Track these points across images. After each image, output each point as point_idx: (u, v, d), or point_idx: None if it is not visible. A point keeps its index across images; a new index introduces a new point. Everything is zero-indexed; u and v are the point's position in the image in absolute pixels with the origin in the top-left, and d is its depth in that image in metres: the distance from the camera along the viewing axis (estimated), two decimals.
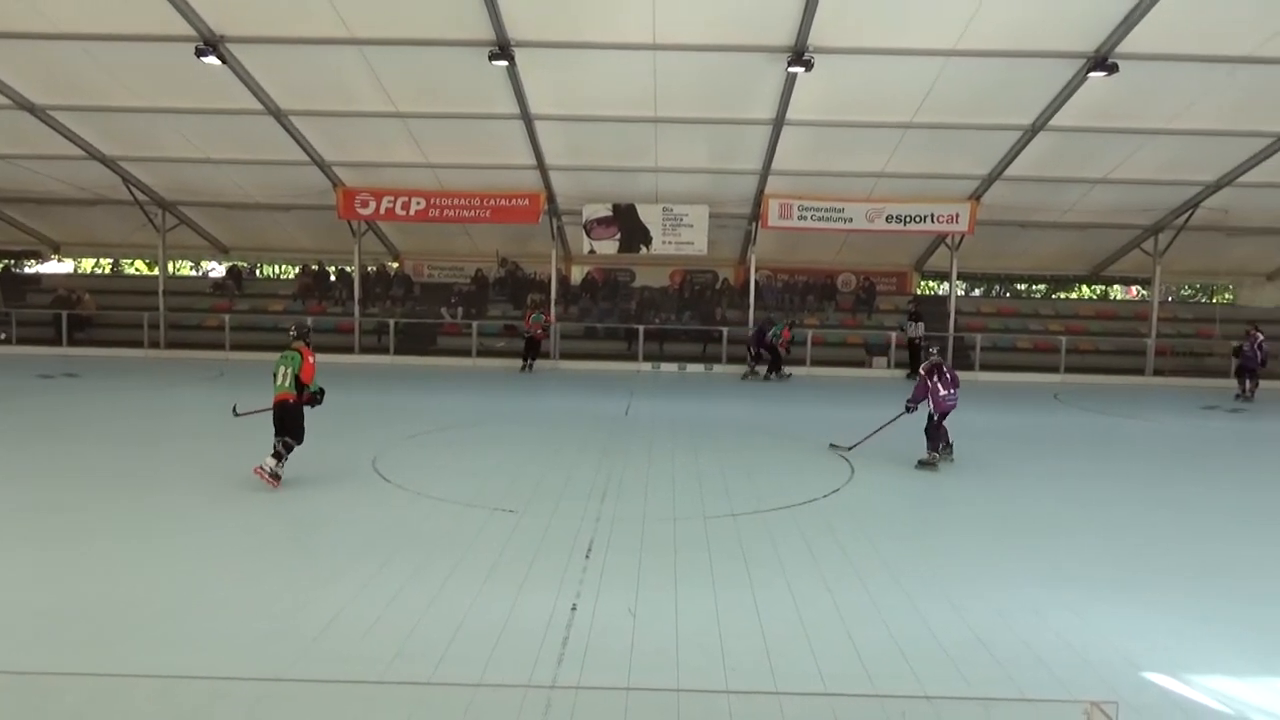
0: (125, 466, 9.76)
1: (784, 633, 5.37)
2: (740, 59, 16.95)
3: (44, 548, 6.79)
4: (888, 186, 21.89)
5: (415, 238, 26.86)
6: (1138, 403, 18.42)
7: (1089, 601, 6.06)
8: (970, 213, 22.33)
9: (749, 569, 6.55)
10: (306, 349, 9.08)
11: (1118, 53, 16.10)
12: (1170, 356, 24.44)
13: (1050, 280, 32.19)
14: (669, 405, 15.49)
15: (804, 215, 22.35)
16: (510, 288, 26.54)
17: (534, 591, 5.95)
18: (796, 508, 8.47)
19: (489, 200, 22.61)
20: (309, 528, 7.50)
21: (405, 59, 17.27)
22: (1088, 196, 22.07)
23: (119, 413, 13.85)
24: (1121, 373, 23.57)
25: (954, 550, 7.19)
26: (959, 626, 5.55)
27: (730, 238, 25.11)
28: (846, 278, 27.57)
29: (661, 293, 26.73)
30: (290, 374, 8.92)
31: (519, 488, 9.01)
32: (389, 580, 6.14)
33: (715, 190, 22.60)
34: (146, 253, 29.35)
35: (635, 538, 7.29)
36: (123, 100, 18.93)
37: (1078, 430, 14.79)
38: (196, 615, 5.47)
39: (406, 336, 24.32)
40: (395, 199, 22.82)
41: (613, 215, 23.18)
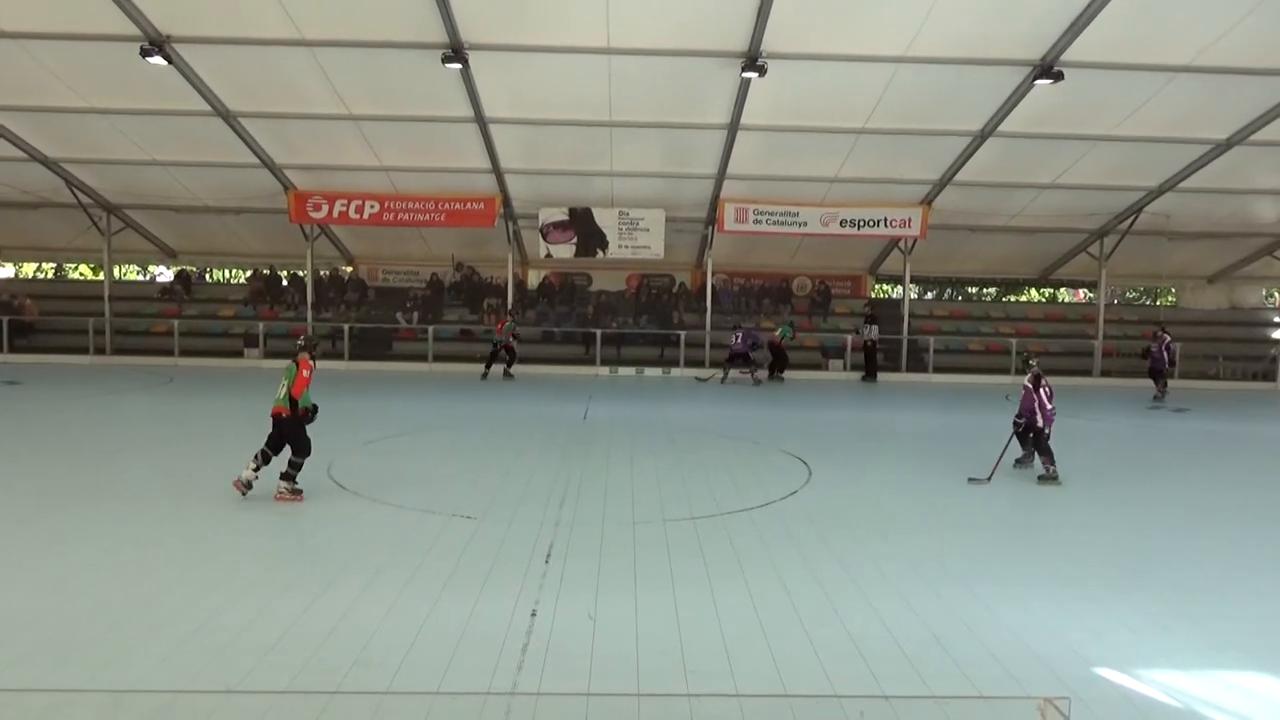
0: (71, 476, 9.50)
1: (743, 635, 5.39)
2: (694, 64, 17.04)
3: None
4: (841, 191, 22.14)
5: (369, 242, 26.57)
6: (1086, 403, 18.79)
7: (1040, 598, 6.17)
8: (922, 217, 22.67)
9: (708, 572, 6.57)
10: (305, 360, 8.57)
11: (1063, 61, 16.46)
12: (1117, 358, 25.01)
13: (1000, 283, 32.79)
14: (627, 409, 15.50)
15: (759, 219, 22.55)
16: (466, 292, 26.37)
17: (493, 597, 5.91)
18: (754, 510, 8.52)
19: (444, 204, 22.47)
20: (263, 537, 7.38)
21: (357, 61, 17.09)
22: (1036, 201, 22.52)
23: (63, 421, 13.51)
24: (1070, 374, 24.01)
25: (908, 550, 7.28)
26: (915, 625, 5.62)
27: (687, 242, 25.20)
28: (802, 281, 27.81)
29: (618, 297, 26.75)
30: (286, 386, 8.56)
31: (477, 493, 8.95)
32: (345, 588, 6.06)
33: (671, 194, 22.68)
34: (91, 257, 28.72)
35: (595, 542, 7.28)
36: (66, 101, 18.50)
37: None
38: (146, 628, 5.34)
39: (361, 342, 24.04)
40: (349, 202, 22.59)
41: (569, 219, 23.17)
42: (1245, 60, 16.41)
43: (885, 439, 13.49)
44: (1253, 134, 18.88)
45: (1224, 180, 21.04)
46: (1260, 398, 21.79)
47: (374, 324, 24.83)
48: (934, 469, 11.07)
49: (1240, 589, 6.57)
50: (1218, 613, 6.03)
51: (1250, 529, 8.36)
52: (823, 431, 13.83)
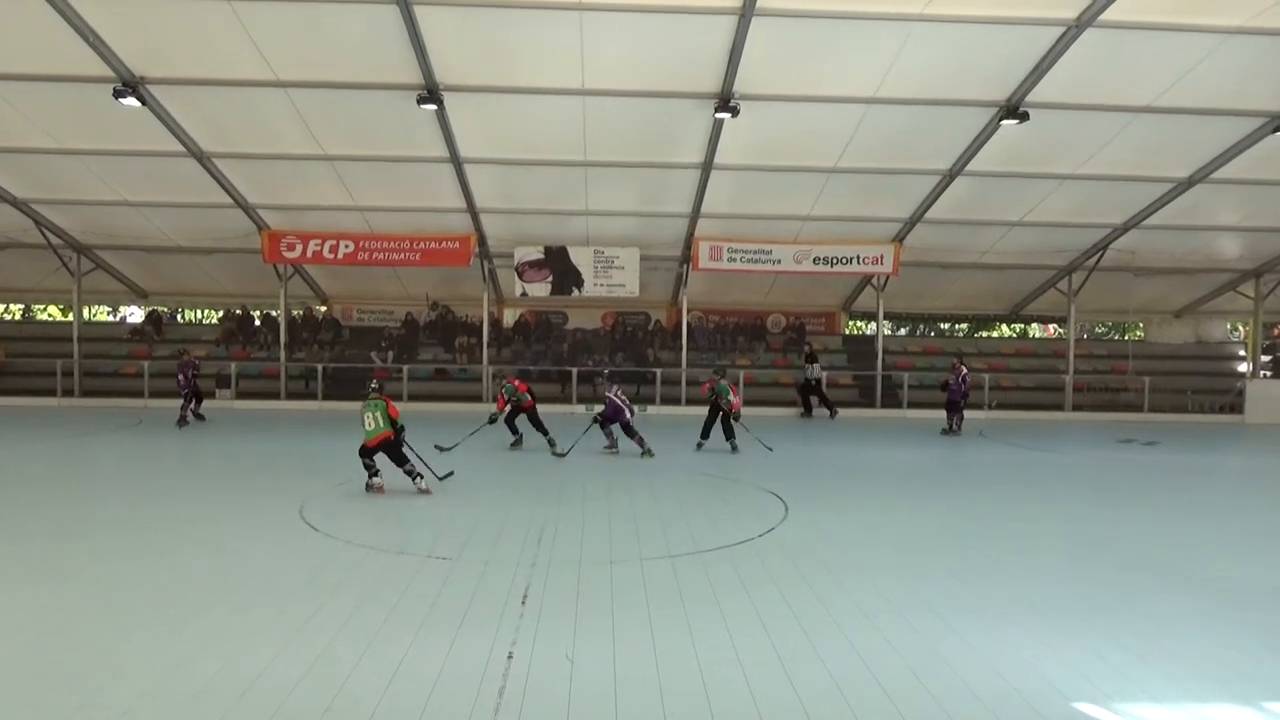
0: (34, 517, 9.31)
1: (723, 675, 5.34)
2: (668, 104, 17.28)
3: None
4: (814, 229, 22.41)
5: (344, 281, 26.52)
6: (1058, 438, 18.98)
7: (1017, 633, 6.17)
8: (894, 254, 22.96)
9: (687, 611, 6.52)
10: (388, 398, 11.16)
11: (1028, 101, 16.85)
12: (1087, 392, 25.30)
13: (972, 319, 33.13)
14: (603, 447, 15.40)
15: (734, 257, 22.74)
16: (441, 331, 26.32)
17: (469, 640, 5.83)
18: (733, 548, 8.48)
19: (419, 243, 22.52)
20: (233, 579, 7.24)
21: (332, 102, 17.19)
22: (1005, 238, 22.89)
23: (29, 463, 13.26)
24: (1043, 408, 24.29)
25: (886, 586, 7.27)
26: (894, 661, 5.59)
27: (661, 279, 25.36)
28: (776, 318, 28.01)
29: (594, 334, 26.82)
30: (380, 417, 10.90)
31: (452, 534, 8.85)
32: (318, 633, 5.95)
33: (646, 233, 22.86)
34: (60, 298, 28.39)
35: (572, 582, 7.21)
36: (37, 141, 18.45)
37: (1003, 465, 15.15)
38: (111, 674, 5.21)
39: (335, 381, 23.88)
40: (323, 242, 22.57)
41: (544, 258, 23.27)
42: (1203, 101, 16.90)
43: (862, 475, 13.52)
44: (1213, 172, 19.37)
45: (1187, 217, 21.52)
46: (1228, 430, 22.09)
47: (348, 364, 24.69)
48: (910, 505, 11.10)
49: (1209, 620, 6.60)
50: (1188, 644, 6.05)
51: (1222, 558, 8.43)
52: (799, 469, 13.84)
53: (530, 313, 27.35)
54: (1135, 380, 25.17)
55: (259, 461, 13.12)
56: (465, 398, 23.35)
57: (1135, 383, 25.08)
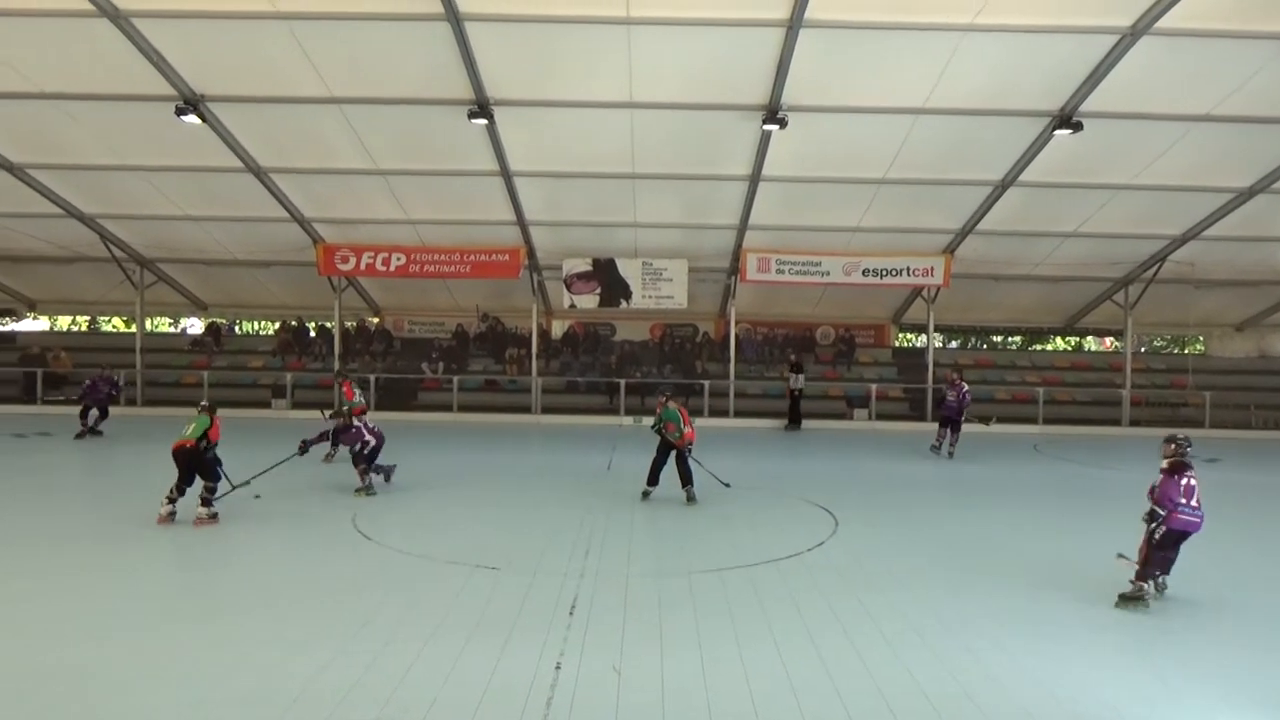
0: (99, 525, 9.56)
1: (770, 690, 5.30)
2: (716, 117, 17.27)
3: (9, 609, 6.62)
4: (863, 241, 22.19)
5: (396, 293, 26.86)
6: (1115, 453, 18.54)
7: (1072, 655, 6.03)
8: (945, 266, 22.64)
9: (735, 625, 6.49)
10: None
11: (1082, 111, 16.55)
12: (1145, 407, 24.67)
13: (1025, 332, 32.54)
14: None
15: (782, 269, 22.60)
16: (491, 342, 26.52)
17: (517, 650, 5.86)
18: (781, 561, 8.42)
19: (469, 256, 22.73)
20: (287, 587, 7.36)
21: (385, 117, 17.47)
22: (1059, 250, 22.45)
23: (92, 471, 13.63)
24: (1098, 423, 23.74)
25: (938, 603, 7.16)
26: (946, 681, 5.50)
27: (709, 291, 25.30)
28: (825, 330, 27.74)
29: (642, 346, 26.79)
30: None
31: (501, 544, 8.91)
32: (369, 641, 6.02)
33: (694, 245, 22.84)
34: (124, 310, 29.17)
35: (619, 594, 7.21)
36: (102, 159, 19.00)
37: (1059, 482, 14.84)
38: (167, 680, 5.33)
39: (387, 392, 24.18)
40: (375, 255, 22.90)
41: (592, 270, 23.35)
42: (1265, 109, 16.44)
43: (911, 489, 13.33)
44: (1275, 182, 18.82)
45: (1248, 228, 20.93)
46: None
47: (400, 374, 25.01)
48: (961, 520, 10.92)
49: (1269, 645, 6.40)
50: (1249, 668, 5.86)
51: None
52: (848, 482, 13.70)
53: (578, 324, 27.44)
54: (1195, 395, 24.48)
55: (313, 470, 13.32)
56: (514, 409, 23.50)
57: (1195, 397, 24.38)
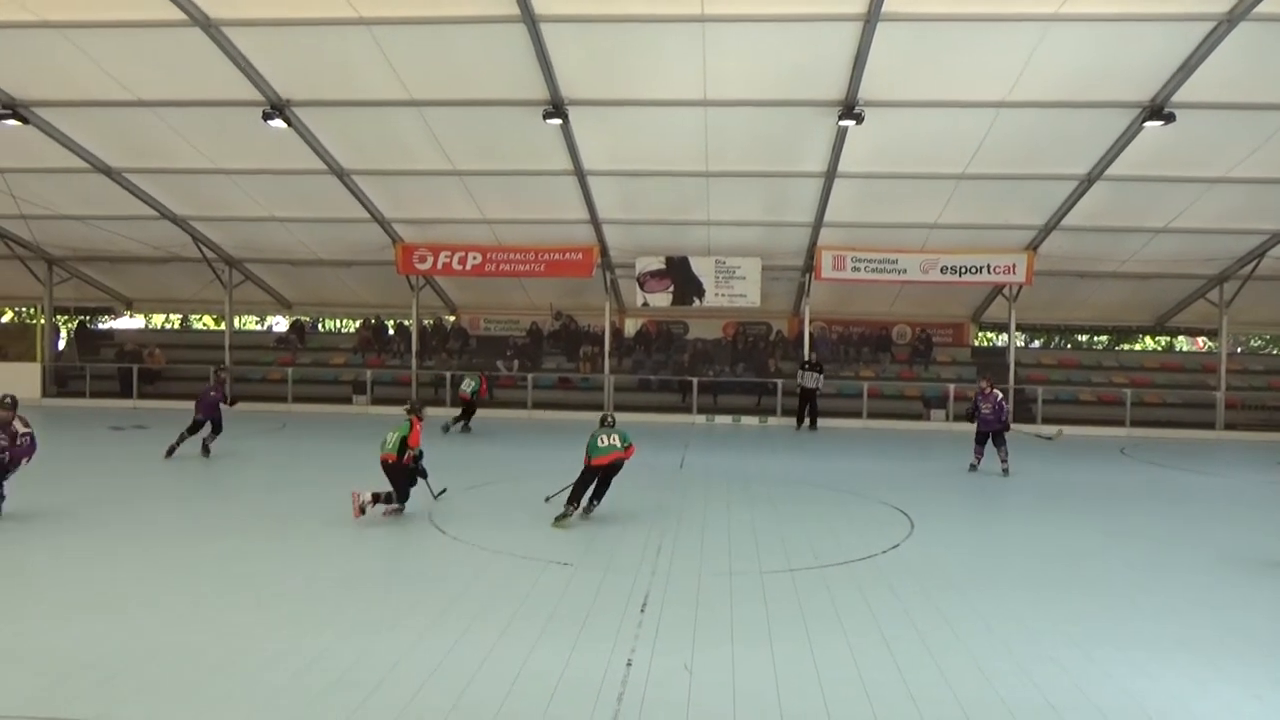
0: (190, 516, 9.93)
1: (844, 694, 5.22)
2: (791, 113, 17.11)
3: (77, 593, 6.91)
4: (942, 238, 21.74)
5: (472, 291, 27.28)
6: (1208, 458, 17.80)
7: (1162, 666, 5.80)
8: (1027, 263, 22.04)
9: (807, 626, 6.41)
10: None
11: (1174, 102, 15.91)
12: (1241, 410, 23.65)
13: (1112, 331, 31.48)
14: (724, 458, 15.40)
15: (857, 267, 22.28)
16: (565, 340, 26.75)
17: (589, 646, 5.89)
18: (855, 563, 8.30)
19: (543, 254, 22.96)
20: (364, 580, 7.53)
21: (462, 119, 17.75)
22: (1148, 246, 21.65)
23: (188, 464, 14.15)
24: (1190, 426, 22.82)
25: (1017, 608, 6.97)
26: (1027, 689, 5.35)
27: (783, 289, 25.08)
28: (902, 329, 27.28)
29: (715, 344, 26.70)
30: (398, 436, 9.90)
31: (574, 540, 8.99)
32: (444, 633, 6.12)
33: (768, 242, 22.67)
34: (214, 308, 30.20)
35: (691, 592, 7.20)
36: (193, 162, 19.70)
37: (1146, 486, 14.32)
38: (246, 667, 5.49)
39: None
40: (452, 254, 23.29)
41: (665, 268, 23.36)
42: None
43: (990, 493, 13.01)
44: None
45: None
46: None
47: (475, 371, 25.36)
48: (1044, 524, 10.61)
49: None
50: None
51: None
52: (924, 484, 13.44)
53: (651, 322, 27.49)
54: None
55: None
56: (588, 407, 23.68)
57: None
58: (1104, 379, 25.50)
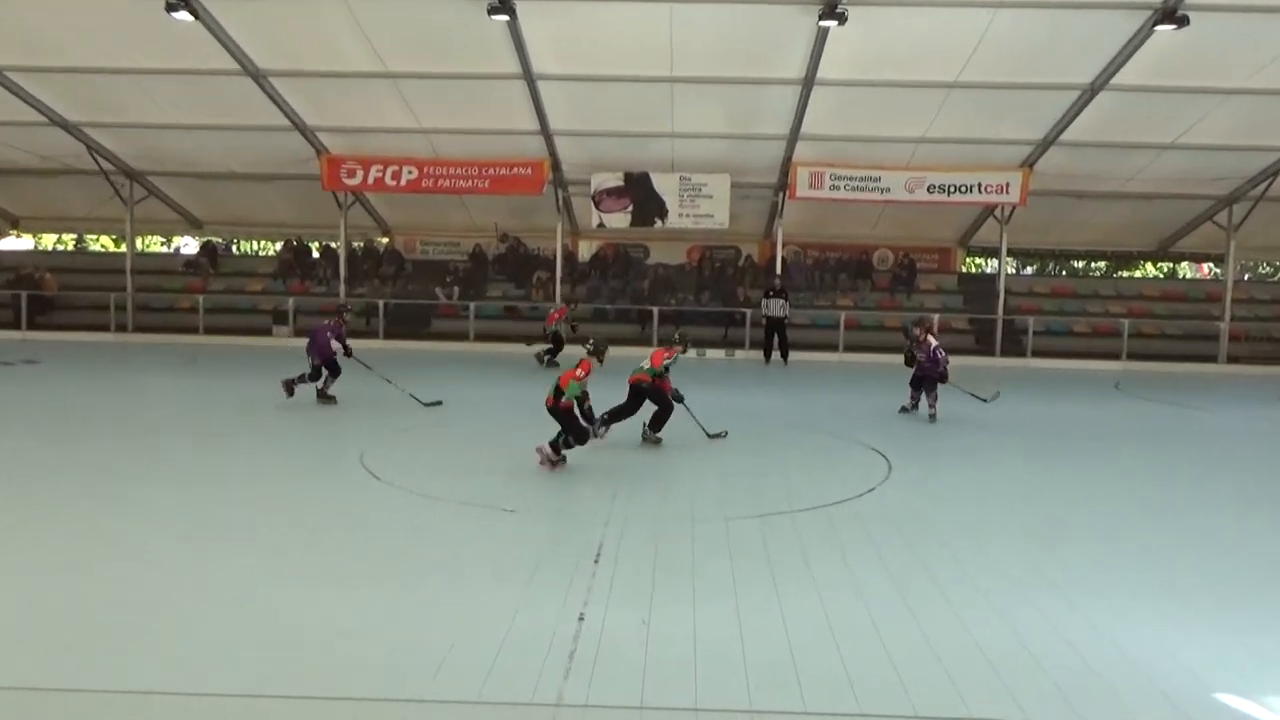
0: (93, 463, 9.81)
1: (813, 646, 5.34)
2: (766, 11, 16.87)
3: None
4: (929, 153, 21.78)
5: (407, 211, 26.92)
6: (1208, 393, 18.27)
7: (1149, 616, 6.00)
8: (1022, 182, 22.21)
9: (774, 575, 6.53)
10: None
11: (1188, 3, 15.92)
12: (1246, 342, 24.28)
13: (1111, 257, 31.98)
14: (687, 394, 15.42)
15: (836, 185, 22.29)
16: (512, 265, 26.57)
17: (537, 600, 5.95)
18: (829, 508, 8.44)
19: (488, 169, 22.64)
20: (291, 530, 7.52)
21: (395, 12, 17.29)
22: (1154, 163, 21.90)
23: (83, 404, 13.93)
24: (1191, 360, 23.39)
25: (1000, 556, 7.15)
26: (1007, 638, 5.51)
27: (754, 210, 25.06)
28: (884, 254, 27.45)
29: (678, 271, 26.74)
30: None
31: (520, 485, 9.01)
32: (379, 587, 6.15)
33: (738, 158, 22.54)
34: (113, 227, 29.53)
35: (649, 541, 7.28)
36: (87, 60, 19.02)
37: (1141, 423, 14.69)
38: (172, 624, 5.48)
39: (398, 319, 24.41)
40: (385, 168, 22.88)
41: (624, 185, 23.16)
42: None
43: (974, 432, 13.25)
44: None
45: None
46: None
47: (411, 300, 25.17)
48: (1029, 465, 10.86)
49: None
50: None
51: None
52: (904, 423, 13.69)
53: (608, 245, 27.38)
54: None
55: (317, 404, 13.51)
56: (537, 338, 23.53)
57: None
58: (1100, 309, 26.00)
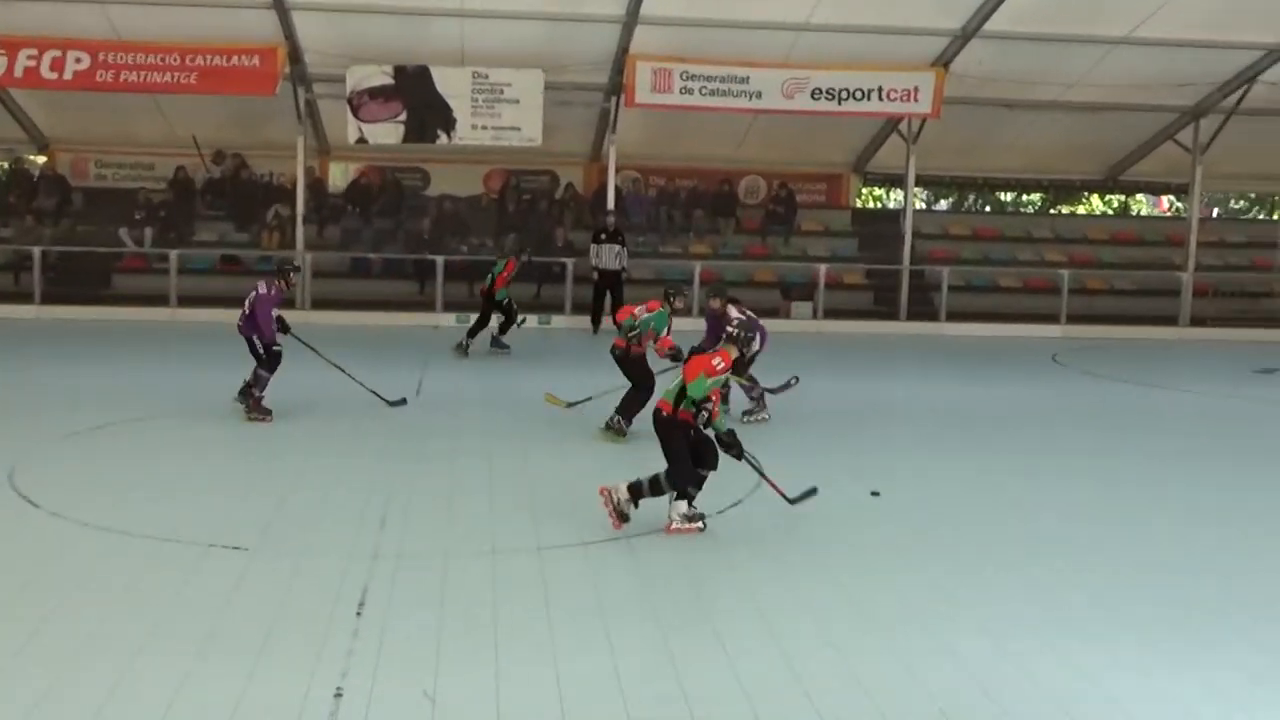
0: None
1: (663, 714, 5.46)
2: None
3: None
4: (814, 45, 22.20)
5: (75, 117, 25.79)
6: (1165, 365, 19.41)
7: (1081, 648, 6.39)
8: (934, 87, 22.85)
9: (607, 623, 6.62)
10: None
11: None
12: (1213, 298, 25.66)
13: (1048, 188, 33.00)
14: (484, 378, 15.50)
15: (689, 88, 22.49)
16: (232, 198, 25.81)
17: (274, 672, 5.86)
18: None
19: (195, 58, 21.89)
20: None
21: None
22: (1103, 64, 22.83)
23: None
24: (1147, 321, 24.57)
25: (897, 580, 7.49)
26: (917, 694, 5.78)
27: (578, 120, 25.08)
28: (753, 183, 27.87)
29: (471, 205, 26.47)
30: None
31: (248, 512, 8.88)
32: (37, 657, 5.94)
33: (554, 46, 22.46)
34: None
35: (434, 583, 7.27)
36: None
37: (1084, 407, 15.52)
38: None
39: (63, 274, 23.39)
40: (41, 53, 21.87)
41: (394, 85, 22.81)
42: None
43: (877, 421, 13.77)
44: None
45: None
46: None
47: (82, 246, 24.15)
48: (938, 461, 11.43)
49: None
50: None
51: None
52: (786, 411, 14.01)
53: (372, 170, 26.96)
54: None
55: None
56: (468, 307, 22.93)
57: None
58: (1034, 255, 27.12)
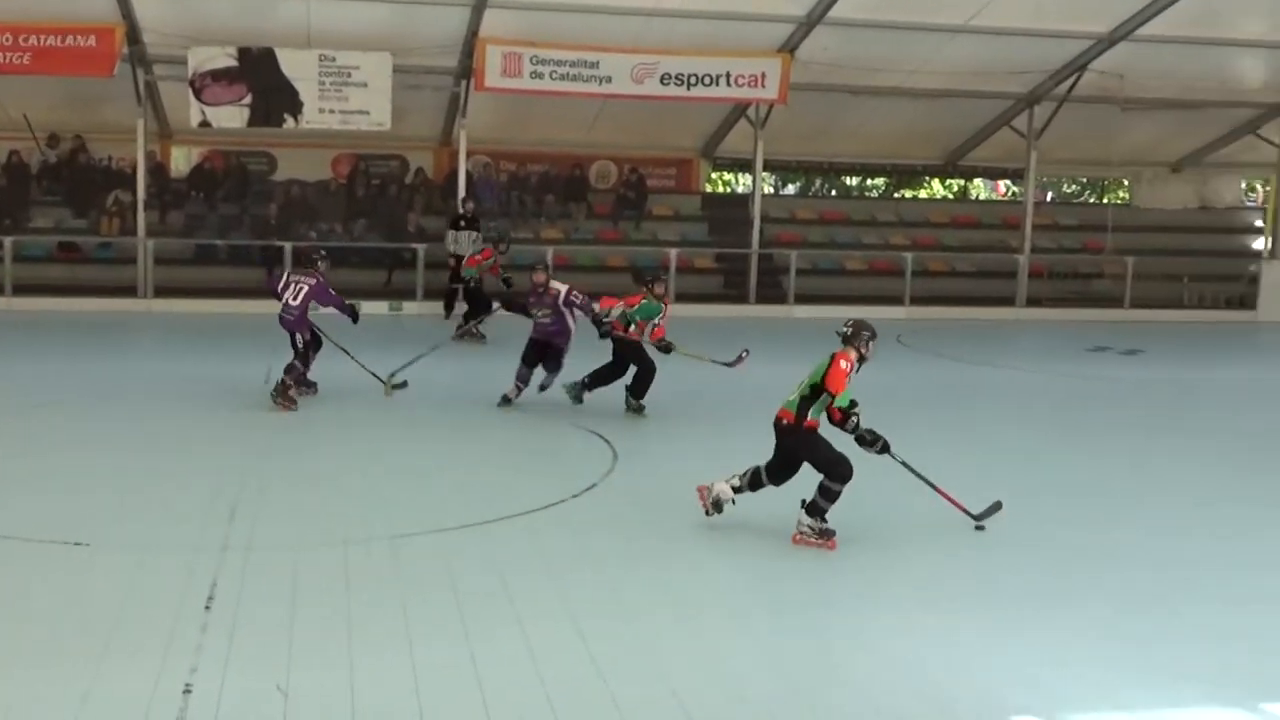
0: None
1: (518, 703, 5.46)
2: None
3: None
4: (664, 30, 22.30)
5: None
6: (1003, 344, 20.05)
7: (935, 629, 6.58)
8: (781, 72, 23.15)
9: (463, 613, 6.59)
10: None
11: None
12: (1049, 279, 26.60)
13: (891, 173, 33.79)
14: (334, 366, 15.26)
15: (539, 72, 22.48)
16: (69, 182, 25.10)
17: (119, 671, 5.72)
18: (533, 514, 8.62)
19: (28, 37, 21.18)
20: None
21: None
22: (942, 51, 23.30)
23: None
24: (985, 303, 25.31)
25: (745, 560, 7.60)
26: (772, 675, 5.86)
27: (427, 105, 24.89)
28: (604, 168, 27.97)
29: (320, 190, 26.13)
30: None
31: (92, 506, 8.68)
32: None
33: (403, 28, 22.23)
34: None
35: (285, 575, 7.17)
36: None
37: (929, 388, 15.93)
38: None
39: None
40: None
41: (238, 67, 22.39)
42: None
43: (726, 404, 13.90)
44: None
45: (1198, 26, 22.42)
46: (1235, 331, 23.92)
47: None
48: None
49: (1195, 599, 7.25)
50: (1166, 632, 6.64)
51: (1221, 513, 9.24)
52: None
53: (216, 154, 26.43)
54: (1115, 262, 26.60)
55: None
56: (109, 290, 22.39)
57: (1115, 265, 26.51)
58: (879, 238, 27.78)
